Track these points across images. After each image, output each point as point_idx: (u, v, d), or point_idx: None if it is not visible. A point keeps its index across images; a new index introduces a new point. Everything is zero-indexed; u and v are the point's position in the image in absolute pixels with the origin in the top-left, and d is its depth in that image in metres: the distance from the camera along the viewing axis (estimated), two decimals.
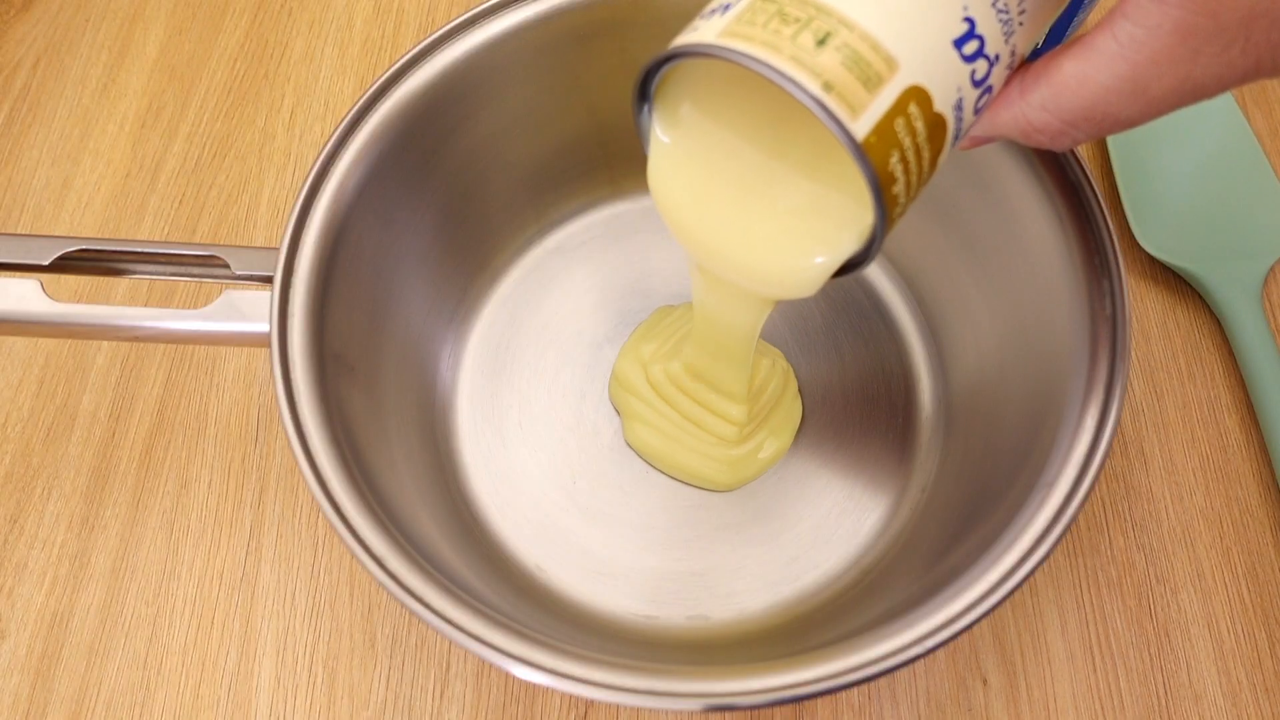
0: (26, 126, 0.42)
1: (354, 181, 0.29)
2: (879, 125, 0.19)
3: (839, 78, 0.19)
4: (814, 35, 0.19)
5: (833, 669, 0.22)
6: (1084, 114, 0.19)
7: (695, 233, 0.25)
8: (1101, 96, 0.19)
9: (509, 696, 0.31)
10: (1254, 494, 0.34)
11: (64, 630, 0.32)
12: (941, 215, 0.33)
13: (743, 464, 0.34)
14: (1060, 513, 0.24)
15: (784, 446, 0.34)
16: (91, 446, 0.35)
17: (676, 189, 0.25)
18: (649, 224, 0.38)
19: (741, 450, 0.34)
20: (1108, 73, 0.18)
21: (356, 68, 0.43)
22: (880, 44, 0.19)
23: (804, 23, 0.19)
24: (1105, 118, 0.19)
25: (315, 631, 0.32)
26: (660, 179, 0.25)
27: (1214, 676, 0.31)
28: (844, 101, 0.19)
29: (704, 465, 0.34)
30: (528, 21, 0.30)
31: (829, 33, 0.19)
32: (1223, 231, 0.38)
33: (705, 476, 0.34)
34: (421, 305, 0.34)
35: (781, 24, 0.19)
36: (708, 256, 0.26)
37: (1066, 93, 0.19)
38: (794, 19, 0.19)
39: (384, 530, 0.24)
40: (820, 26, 0.19)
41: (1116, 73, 0.18)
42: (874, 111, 0.19)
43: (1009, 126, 0.21)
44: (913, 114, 0.20)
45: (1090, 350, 0.26)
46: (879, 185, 0.20)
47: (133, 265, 0.29)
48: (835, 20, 0.19)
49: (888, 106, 0.19)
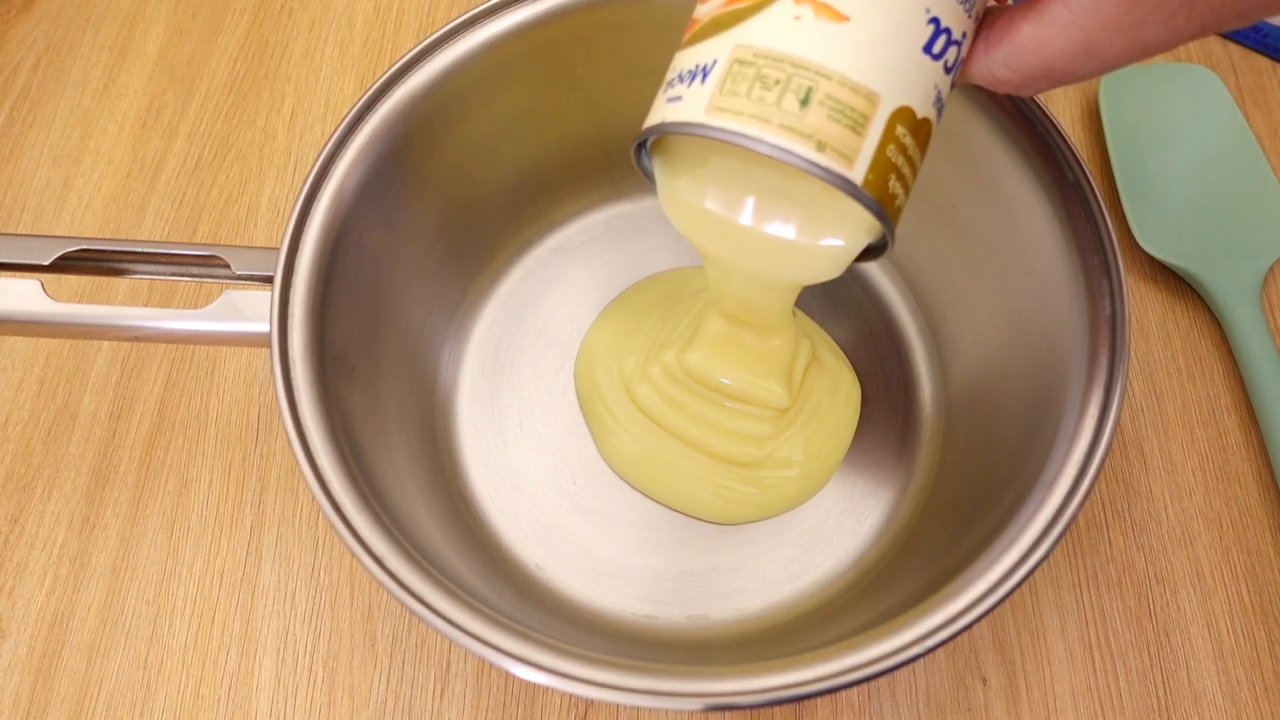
0: (27, 127, 0.42)
1: (354, 181, 0.29)
2: (873, 161, 0.20)
3: (829, 133, 0.20)
4: (797, 95, 0.20)
5: (833, 669, 0.22)
6: (1042, 72, 0.20)
7: (717, 248, 0.26)
8: (1057, 58, 0.20)
9: (509, 696, 0.31)
10: (1253, 494, 0.34)
11: (64, 630, 0.32)
12: (942, 215, 0.33)
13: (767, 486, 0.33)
14: (1060, 512, 0.24)
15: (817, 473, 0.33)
16: (92, 446, 0.35)
17: (689, 210, 0.25)
18: (649, 224, 0.38)
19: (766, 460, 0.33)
20: (1062, 37, 0.19)
21: (357, 68, 0.43)
22: (859, 84, 0.20)
23: (784, 83, 0.20)
24: (1064, 74, 0.20)
25: (315, 631, 0.32)
26: (672, 204, 0.25)
27: (1213, 676, 0.31)
28: (838, 155, 0.20)
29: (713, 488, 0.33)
30: (528, 22, 0.30)
31: (810, 88, 0.20)
32: (1223, 231, 0.38)
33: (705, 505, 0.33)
34: (421, 305, 0.34)
35: (764, 89, 0.20)
36: (731, 263, 0.26)
37: (1025, 54, 0.20)
38: (774, 81, 0.20)
39: (384, 530, 0.24)
40: (800, 84, 0.20)
41: (1070, 37, 0.19)
42: (866, 151, 0.20)
43: (976, 78, 0.22)
44: (900, 134, 0.21)
45: (1090, 350, 0.26)
46: (882, 209, 0.21)
47: (133, 265, 0.29)
48: (812, 73, 0.20)
49: (878, 140, 0.20)
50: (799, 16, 0.20)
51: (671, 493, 0.33)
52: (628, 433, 0.34)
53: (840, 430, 0.34)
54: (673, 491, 0.33)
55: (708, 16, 0.21)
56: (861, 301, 0.37)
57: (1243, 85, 0.42)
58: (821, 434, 0.33)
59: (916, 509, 0.32)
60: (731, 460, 0.33)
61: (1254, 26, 0.42)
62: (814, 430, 0.33)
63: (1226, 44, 0.43)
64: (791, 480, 0.33)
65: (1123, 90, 0.41)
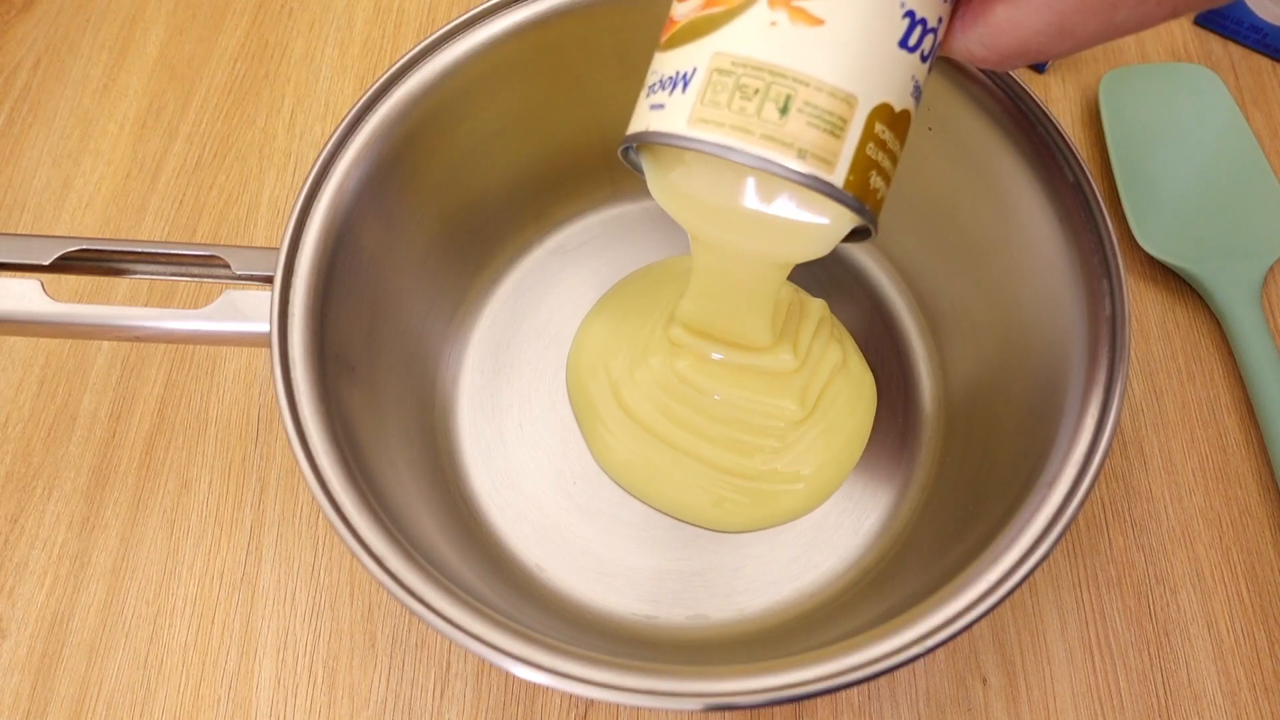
0: (27, 127, 0.42)
1: (354, 181, 0.29)
2: (853, 162, 0.21)
3: (809, 139, 0.20)
4: (776, 104, 0.20)
5: (833, 669, 0.22)
6: (1018, 51, 0.21)
7: (706, 227, 0.26)
8: (1032, 38, 0.20)
9: (509, 696, 0.31)
10: (1253, 494, 0.34)
11: (64, 630, 0.32)
12: (942, 216, 0.33)
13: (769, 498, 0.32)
14: (1060, 513, 0.24)
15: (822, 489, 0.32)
16: (92, 446, 0.35)
17: (679, 196, 0.25)
18: (649, 224, 0.38)
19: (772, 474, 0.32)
20: (1036, 20, 0.20)
21: (357, 68, 0.43)
22: (837, 88, 0.20)
23: (763, 92, 0.20)
24: (1039, 53, 0.21)
25: (315, 631, 0.32)
26: (661, 192, 0.26)
27: (1213, 676, 0.31)
28: (819, 160, 0.20)
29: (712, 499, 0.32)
30: (528, 22, 0.30)
31: (788, 96, 0.20)
32: (1223, 231, 0.38)
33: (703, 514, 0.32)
34: (421, 305, 0.34)
35: (744, 99, 0.20)
36: (720, 240, 0.26)
37: (1001, 35, 0.20)
38: (753, 90, 0.20)
39: (384, 530, 0.24)
40: (779, 92, 0.20)
41: (1045, 20, 0.19)
42: (846, 153, 0.21)
43: (953, 54, 0.22)
44: (879, 130, 0.21)
45: (1090, 350, 0.26)
46: (863, 205, 0.21)
47: (133, 265, 0.29)
48: (790, 80, 0.20)
49: (857, 141, 0.21)
50: (774, 22, 0.20)
51: (668, 501, 0.33)
52: (617, 438, 0.33)
53: (853, 445, 0.33)
54: (669, 500, 0.33)
55: (685, 19, 0.22)
56: (862, 302, 0.37)
57: (1243, 85, 0.42)
58: (834, 447, 0.33)
59: (916, 509, 0.32)
60: (734, 473, 0.32)
61: (1254, 26, 0.42)
62: (828, 443, 0.33)
63: (1226, 44, 0.43)
64: (797, 494, 0.32)
65: (1123, 90, 0.41)
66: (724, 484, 0.32)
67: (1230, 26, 0.43)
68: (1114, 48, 0.43)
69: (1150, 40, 0.44)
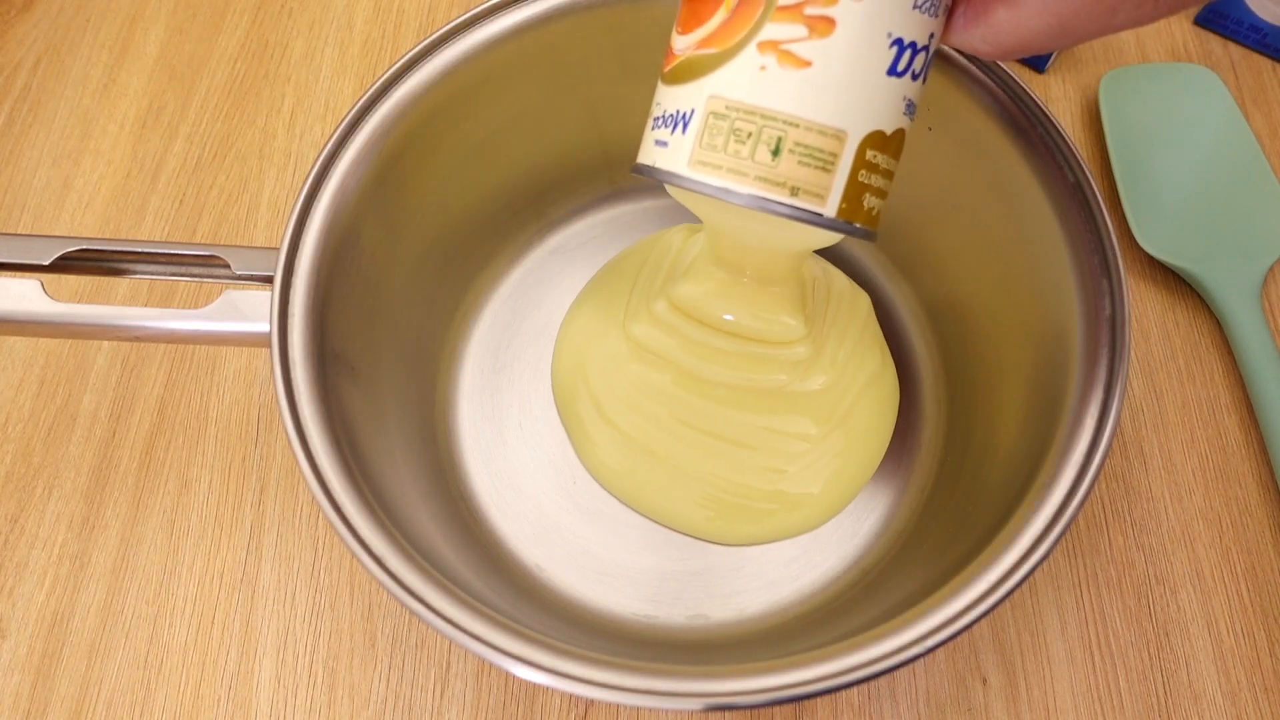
0: (27, 126, 0.42)
1: (354, 181, 0.29)
2: (845, 191, 0.22)
3: (801, 178, 0.21)
4: (768, 147, 0.21)
5: (833, 669, 0.22)
6: (1019, 48, 0.21)
7: (721, 216, 0.27)
8: (1032, 38, 0.21)
9: (509, 696, 0.31)
10: (1253, 494, 0.34)
11: (64, 630, 0.32)
12: (941, 216, 0.33)
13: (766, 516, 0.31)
14: (1060, 513, 0.24)
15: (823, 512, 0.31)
16: (92, 446, 0.35)
17: (691, 197, 0.26)
18: (649, 224, 0.38)
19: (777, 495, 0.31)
20: (1037, 21, 0.20)
21: (357, 68, 0.44)
22: (826, 126, 0.21)
23: (756, 135, 0.21)
24: (1039, 49, 0.21)
25: (315, 631, 0.32)
26: (675, 192, 0.26)
27: (1213, 676, 0.31)
28: (811, 196, 0.22)
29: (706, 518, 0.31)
30: (528, 22, 0.30)
31: (780, 138, 0.21)
32: (1222, 232, 0.38)
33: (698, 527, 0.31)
34: (421, 305, 0.34)
35: (738, 143, 0.21)
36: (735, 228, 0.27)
37: (1002, 34, 0.21)
38: (746, 134, 0.21)
39: (384, 530, 0.24)
40: (770, 135, 0.21)
41: (1045, 22, 0.20)
42: (838, 185, 0.22)
43: (954, 45, 0.23)
44: (870, 156, 0.22)
45: (1090, 350, 0.26)
46: (856, 228, 0.22)
47: (133, 265, 0.29)
48: (781, 123, 0.21)
49: (849, 171, 0.22)
50: (764, 66, 0.21)
51: (661, 512, 0.32)
52: (603, 447, 0.32)
53: (867, 467, 0.32)
54: (661, 511, 0.32)
55: (683, 56, 0.22)
56: None
57: (1243, 85, 0.42)
58: (848, 472, 0.32)
59: (916, 509, 0.32)
60: (734, 492, 0.32)
61: (1254, 26, 0.42)
62: (843, 465, 0.31)
63: (1226, 44, 0.43)
64: (800, 518, 0.31)
65: (1123, 90, 0.41)
66: (722, 500, 0.32)
67: (1230, 26, 0.43)
68: (1114, 48, 0.43)
69: (1150, 40, 0.44)
